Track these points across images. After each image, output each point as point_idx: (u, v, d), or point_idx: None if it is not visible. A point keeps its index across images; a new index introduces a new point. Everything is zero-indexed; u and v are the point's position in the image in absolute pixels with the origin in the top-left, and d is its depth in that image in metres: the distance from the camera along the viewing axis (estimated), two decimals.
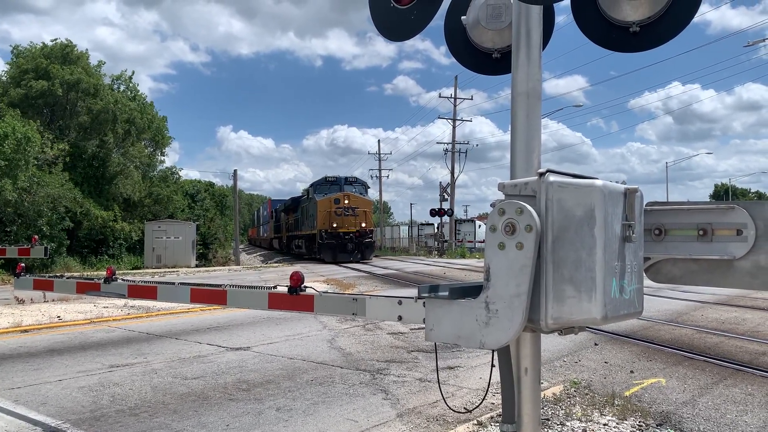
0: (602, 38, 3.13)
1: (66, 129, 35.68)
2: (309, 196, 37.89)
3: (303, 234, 40.02)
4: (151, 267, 31.95)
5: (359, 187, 37.35)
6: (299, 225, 41.73)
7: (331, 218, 33.93)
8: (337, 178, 36.60)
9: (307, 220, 38.32)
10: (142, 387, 6.35)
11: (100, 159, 36.74)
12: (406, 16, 3.18)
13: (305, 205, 39.26)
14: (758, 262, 2.66)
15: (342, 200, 34.30)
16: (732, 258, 2.70)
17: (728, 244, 2.72)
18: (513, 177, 2.80)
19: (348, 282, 19.53)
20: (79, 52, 37.00)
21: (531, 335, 2.76)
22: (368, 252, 35.60)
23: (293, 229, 44.80)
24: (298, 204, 43.37)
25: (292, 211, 45.47)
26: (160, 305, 12.50)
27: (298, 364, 7.39)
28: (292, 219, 45.81)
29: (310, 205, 37.18)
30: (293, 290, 3.20)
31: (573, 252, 2.35)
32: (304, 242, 39.52)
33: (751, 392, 6.11)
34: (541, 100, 2.85)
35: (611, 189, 2.41)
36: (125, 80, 40.76)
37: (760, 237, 2.64)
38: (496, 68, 3.48)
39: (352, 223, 34.28)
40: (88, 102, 35.47)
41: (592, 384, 6.41)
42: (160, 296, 4.04)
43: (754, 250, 2.65)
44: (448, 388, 6.25)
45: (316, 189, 36.40)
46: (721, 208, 2.75)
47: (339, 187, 35.69)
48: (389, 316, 2.95)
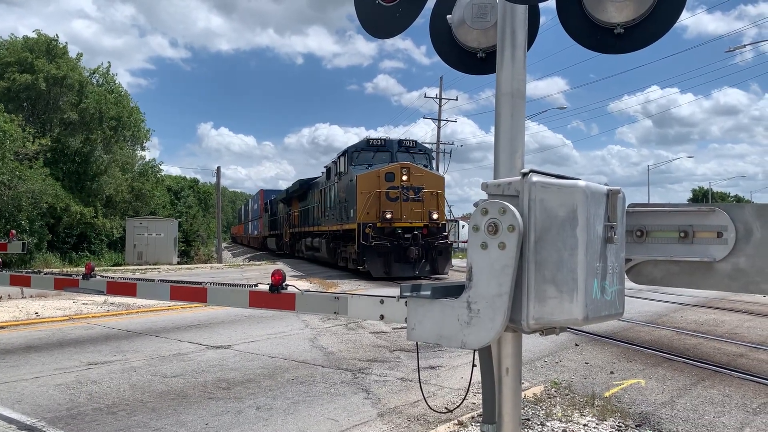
0: (587, 39, 3.13)
1: (48, 124, 35.23)
2: (338, 170, 23.98)
3: (322, 231, 27.17)
4: (132, 264, 31.64)
5: (421, 156, 23.09)
6: (313, 217, 29.56)
7: (381, 204, 20.26)
8: (386, 141, 22.78)
9: (331, 209, 25.19)
10: (120, 385, 6.27)
11: (83, 155, 36.33)
12: (392, 14, 3.16)
13: (328, 187, 26.16)
14: (738, 264, 2.68)
15: (398, 175, 20.42)
16: (712, 260, 2.72)
17: (708, 247, 2.73)
18: (496, 177, 2.79)
19: (331, 282, 19.49)
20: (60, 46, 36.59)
21: (512, 335, 2.76)
22: (443, 261, 21.23)
23: (303, 224, 32.68)
24: (308, 188, 31.81)
25: (299, 199, 34.05)
26: (141, 302, 12.37)
27: (280, 363, 7.35)
28: (297, 210, 34.34)
29: (340, 185, 23.56)
30: (274, 288, 3.17)
31: (555, 252, 2.35)
32: (325, 243, 26.17)
33: (728, 393, 6.17)
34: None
35: (594, 190, 2.41)
36: (102, 73, 40.25)
37: (740, 240, 2.66)
38: (481, 68, 3.47)
39: (416, 212, 20.50)
40: (72, 98, 35.05)
41: (572, 384, 6.44)
42: (139, 293, 3.99)
43: (734, 253, 2.67)
44: (430, 387, 6.25)
45: (351, 158, 22.41)
46: (702, 210, 2.76)
47: (390, 156, 22.14)
48: (371, 315, 2.93)
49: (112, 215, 37.04)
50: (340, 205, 23.44)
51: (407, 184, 20.40)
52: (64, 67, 34.38)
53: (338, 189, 24.03)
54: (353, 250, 21.34)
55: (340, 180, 23.67)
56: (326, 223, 26.07)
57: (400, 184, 20.32)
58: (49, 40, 35.87)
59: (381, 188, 20.39)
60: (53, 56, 35.20)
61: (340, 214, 23.36)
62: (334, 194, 24.94)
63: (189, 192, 57.84)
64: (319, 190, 28.58)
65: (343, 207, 22.93)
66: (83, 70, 37.90)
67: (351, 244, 21.91)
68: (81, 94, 35.39)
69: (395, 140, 23.01)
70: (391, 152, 22.33)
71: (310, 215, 30.51)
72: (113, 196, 37.05)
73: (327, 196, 26.42)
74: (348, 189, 22.09)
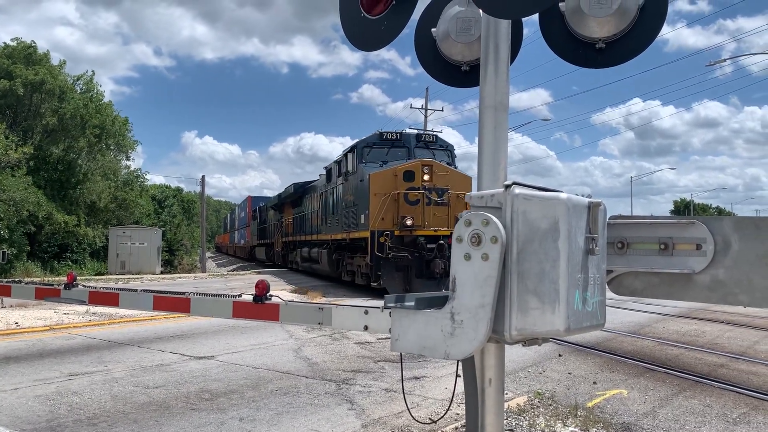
0: (569, 54, 3.18)
1: (30, 131, 34.92)
2: (344, 169, 20.37)
3: (322, 240, 23.50)
4: (115, 273, 31.37)
5: (443, 152, 19.48)
6: (311, 225, 26.00)
7: (399, 209, 16.99)
8: (402, 135, 19.57)
9: (335, 214, 21.61)
10: (101, 396, 6.20)
11: (65, 163, 36.02)
12: (377, 27, 3.19)
13: (329, 190, 22.80)
14: (716, 276, 2.72)
15: (419, 174, 17.04)
16: (691, 272, 2.76)
17: (688, 259, 2.78)
18: (480, 188, 2.82)
19: (316, 292, 19.43)
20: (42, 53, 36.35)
21: (495, 346, 2.78)
22: None
23: (297, 232, 29.37)
24: (304, 193, 28.32)
25: (293, 204, 30.58)
26: (124, 312, 12.25)
27: (263, 374, 7.31)
28: (291, 217, 31.06)
29: (347, 186, 20.03)
30: (258, 299, 3.17)
31: (537, 264, 2.38)
32: (327, 253, 22.32)
33: (709, 404, 6.23)
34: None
35: (575, 202, 2.44)
36: (86, 81, 39.98)
37: (719, 252, 2.71)
38: (465, 81, 3.51)
39: (441, 219, 17.15)
40: (53, 104, 34.79)
41: (555, 395, 6.46)
42: (122, 303, 3.97)
43: (713, 265, 2.72)
44: (414, 398, 6.25)
45: (362, 155, 18.86)
46: (682, 222, 2.81)
47: (407, 152, 18.89)
48: (355, 325, 2.94)
49: (95, 224, 36.71)
50: (346, 210, 19.87)
51: (430, 185, 16.88)
52: (42, 72, 34.12)
53: (344, 191, 20.44)
54: (363, 263, 17.98)
55: (347, 180, 20.00)
56: (328, 231, 22.52)
57: (422, 185, 16.83)
58: (27, 46, 35.66)
59: (399, 189, 16.91)
60: (32, 62, 34.96)
61: (346, 220, 19.79)
62: (337, 198, 21.43)
63: (173, 201, 57.51)
64: (317, 194, 25.15)
65: (350, 212, 19.31)
66: (67, 77, 37.66)
67: (360, 255, 18.41)
68: (62, 101, 35.14)
69: (413, 134, 19.73)
70: (408, 148, 18.91)
71: (307, 222, 27.17)
72: (96, 204, 36.72)
73: (328, 201, 22.91)
74: (358, 191, 18.57)
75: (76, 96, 36.60)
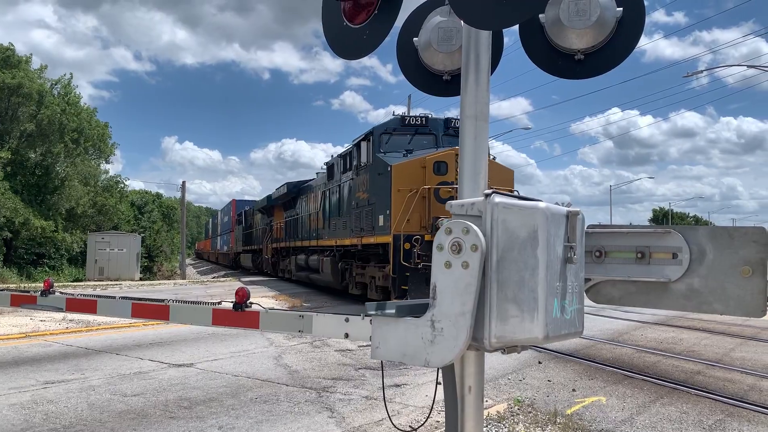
0: (548, 65, 3.23)
1: (7, 135, 34.45)
2: (356, 161, 17.06)
3: (324, 246, 20.32)
4: (93, 279, 30.98)
5: None
6: (308, 229, 22.92)
7: (430, 208, 14.04)
8: (428, 120, 16.29)
9: (341, 216, 18.42)
10: (78, 404, 6.12)
11: (43, 168, 35.57)
12: (359, 35, 3.20)
13: (333, 188, 19.59)
14: (692, 285, 2.77)
15: (453, 165, 13.93)
16: (668, 280, 2.80)
17: (664, 267, 2.82)
18: (460, 197, 2.84)
19: (296, 298, 19.35)
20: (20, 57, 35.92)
21: (475, 354, 2.79)
22: None
23: (290, 237, 26.16)
24: (298, 194, 25.32)
25: (285, 207, 27.58)
26: (101, 319, 12.10)
27: (243, 382, 7.26)
28: (282, 221, 28.05)
29: (359, 181, 16.76)
30: (238, 306, 3.16)
31: (516, 272, 2.40)
32: (330, 262, 18.94)
33: (685, 410, 6.30)
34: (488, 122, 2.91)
35: (554, 211, 2.47)
36: (64, 85, 39.57)
37: (694, 261, 2.75)
38: (446, 90, 3.54)
39: None
40: (31, 108, 34.37)
41: (535, 402, 6.50)
42: (99, 310, 3.92)
43: (688, 274, 2.76)
44: (395, 405, 6.24)
45: (380, 143, 15.89)
46: (658, 232, 2.85)
47: (435, 140, 15.98)
48: (336, 333, 2.94)
49: (73, 229, 36.28)
50: (357, 210, 16.58)
51: None
52: (19, 76, 33.73)
53: (354, 188, 17.05)
54: (380, 274, 15.20)
55: (358, 175, 16.74)
56: (332, 236, 19.21)
57: (457, 179, 10.57)
58: (5, 49, 35.24)
59: (429, 184, 13.77)
60: (9, 65, 34.54)
61: (357, 222, 16.50)
62: (345, 197, 18.15)
63: (153, 207, 57.03)
64: (316, 193, 22.14)
65: (363, 213, 16.04)
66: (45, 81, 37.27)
67: (377, 264, 15.66)
68: (41, 105, 34.74)
69: (440, 119, 16.19)
70: (435, 135, 15.76)
71: (303, 226, 23.89)
72: (74, 209, 36.30)
73: (331, 201, 19.79)
74: (375, 186, 15.32)
75: (55, 100, 36.21)
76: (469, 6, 2.62)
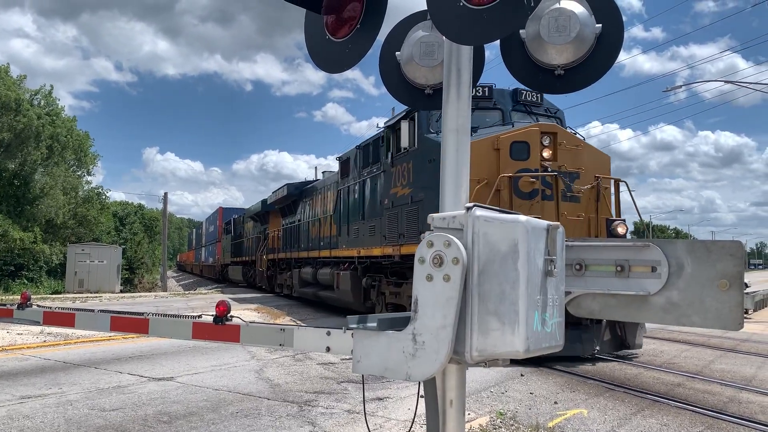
0: (529, 79, 3.27)
1: None
2: (396, 146, 12.90)
3: (339, 257, 16.64)
4: (73, 292, 30.57)
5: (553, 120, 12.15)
6: (315, 237, 19.57)
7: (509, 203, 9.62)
8: (492, 90, 11.95)
9: (364, 219, 14.90)
10: (54, 419, 6.01)
11: (21, 178, 35.14)
12: (342, 49, 3.22)
13: (353, 185, 16.00)
14: (671, 298, 2.79)
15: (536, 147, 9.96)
16: (647, 294, 2.83)
17: (644, 281, 2.84)
18: (442, 210, 2.86)
19: (279, 311, 19.23)
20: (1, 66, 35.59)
21: (456, 367, 2.79)
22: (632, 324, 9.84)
23: (291, 247, 22.50)
24: (301, 196, 22.06)
25: (284, 212, 24.13)
26: (80, 332, 11.93)
27: (224, 396, 7.19)
28: (280, 229, 24.74)
29: (400, 172, 12.59)
30: (219, 320, 3.14)
31: (497, 285, 2.41)
32: (350, 278, 15.21)
33: (666, 423, 6.34)
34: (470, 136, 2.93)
35: (534, 225, 2.49)
36: (44, 95, 39.20)
37: (673, 274, 2.78)
38: (429, 103, 3.56)
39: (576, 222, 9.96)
40: (8, 117, 33.99)
41: (517, 415, 6.50)
42: (78, 324, 3.87)
43: (667, 287, 2.79)
44: (377, 419, 6.21)
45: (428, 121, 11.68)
46: (637, 245, 2.88)
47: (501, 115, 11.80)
48: (317, 347, 2.93)
49: (53, 241, 35.83)
50: (393, 210, 12.71)
51: (554, 166, 10.03)
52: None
53: (388, 182, 13.20)
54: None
55: (394, 165, 12.86)
56: (353, 245, 15.40)
57: (542, 165, 10.01)
58: None
59: (506, 171, 9.96)
60: None
61: (394, 226, 12.60)
62: (369, 194, 14.59)
63: (135, 218, 56.52)
64: (325, 195, 18.75)
65: (404, 213, 12.17)
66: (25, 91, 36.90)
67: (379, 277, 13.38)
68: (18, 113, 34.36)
69: (507, 90, 12.17)
70: (502, 110, 11.87)
71: (307, 234, 20.27)
72: (54, 220, 35.87)
73: (349, 201, 16.03)
74: (423, 177, 11.40)
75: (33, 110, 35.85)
76: (450, 21, 2.64)
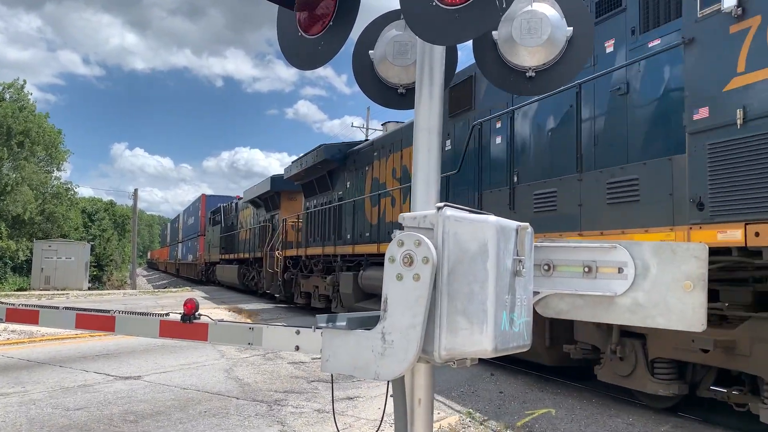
0: (501, 80, 3.29)
1: None
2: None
3: None
4: (39, 289, 29.98)
5: None
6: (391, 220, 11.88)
7: None
8: None
9: None
10: (17, 419, 5.89)
11: None
12: (314, 46, 3.20)
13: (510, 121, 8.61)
14: (636, 299, 2.83)
15: None
16: (614, 294, 2.86)
17: (610, 282, 2.88)
18: (413, 209, 2.86)
19: (253, 311, 19.08)
20: None
21: (425, 366, 2.80)
22: None
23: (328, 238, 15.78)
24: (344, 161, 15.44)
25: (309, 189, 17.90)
26: (45, 330, 11.69)
27: (192, 395, 7.11)
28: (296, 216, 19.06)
29: None
30: (186, 318, 3.09)
31: (466, 285, 2.42)
32: None
33: (631, 422, 6.43)
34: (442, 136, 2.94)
35: (504, 225, 2.51)
36: (16, 89, 38.35)
37: (639, 275, 2.82)
38: (402, 103, 3.56)
39: None
40: None
41: (487, 414, 6.55)
42: (42, 321, 3.78)
43: (633, 288, 2.82)
44: (347, 418, 6.20)
45: None
46: (605, 247, 2.91)
47: None
48: (286, 345, 2.91)
49: (19, 237, 35.07)
50: None
51: None
52: None
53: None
54: None
55: None
56: None
57: None
58: None
59: None
60: None
61: None
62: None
63: (104, 215, 55.62)
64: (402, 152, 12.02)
65: None
66: None
67: None
68: None
69: None
70: None
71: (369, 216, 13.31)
72: (21, 216, 35.12)
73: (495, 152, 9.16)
74: None
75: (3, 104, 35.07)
76: (423, 21, 2.65)
